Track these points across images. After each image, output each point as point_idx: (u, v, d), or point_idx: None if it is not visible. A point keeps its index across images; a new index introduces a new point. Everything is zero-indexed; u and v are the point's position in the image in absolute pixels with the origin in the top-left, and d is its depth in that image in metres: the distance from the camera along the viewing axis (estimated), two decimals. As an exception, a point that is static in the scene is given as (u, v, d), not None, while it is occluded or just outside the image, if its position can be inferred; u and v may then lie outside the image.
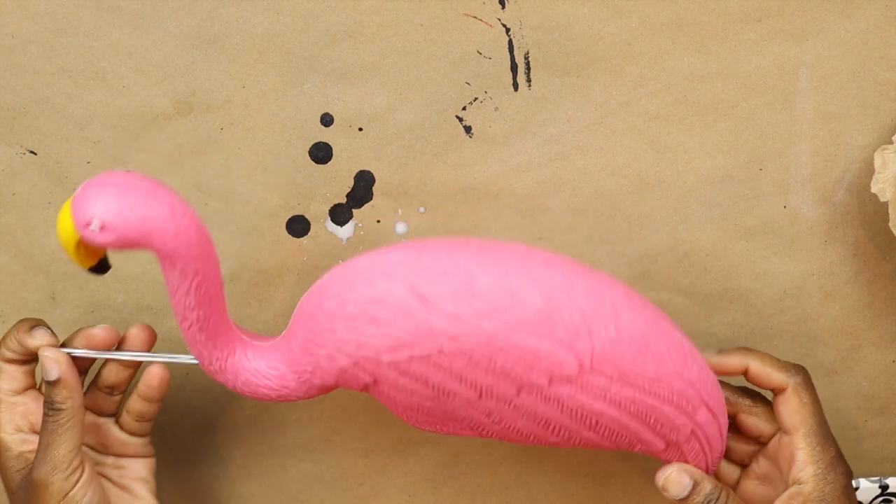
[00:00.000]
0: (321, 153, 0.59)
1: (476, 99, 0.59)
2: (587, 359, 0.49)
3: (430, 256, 0.49)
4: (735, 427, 0.56)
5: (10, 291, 0.61)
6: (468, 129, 0.59)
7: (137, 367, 0.55)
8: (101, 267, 0.51)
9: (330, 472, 0.64)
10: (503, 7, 0.57)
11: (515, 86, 0.58)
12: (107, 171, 0.48)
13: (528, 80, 0.58)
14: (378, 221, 0.60)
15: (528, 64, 0.58)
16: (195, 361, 0.53)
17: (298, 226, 0.60)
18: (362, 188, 0.60)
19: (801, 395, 0.53)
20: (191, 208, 0.48)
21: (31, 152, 0.59)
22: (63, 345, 0.54)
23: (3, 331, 0.62)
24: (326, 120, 0.59)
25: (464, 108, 0.59)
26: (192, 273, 0.48)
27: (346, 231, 0.60)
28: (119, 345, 0.54)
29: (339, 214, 0.60)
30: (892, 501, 0.64)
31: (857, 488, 0.64)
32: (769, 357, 0.54)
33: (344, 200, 0.60)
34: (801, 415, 0.53)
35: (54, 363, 0.51)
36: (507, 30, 0.57)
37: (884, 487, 0.64)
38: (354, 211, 0.60)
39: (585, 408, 0.50)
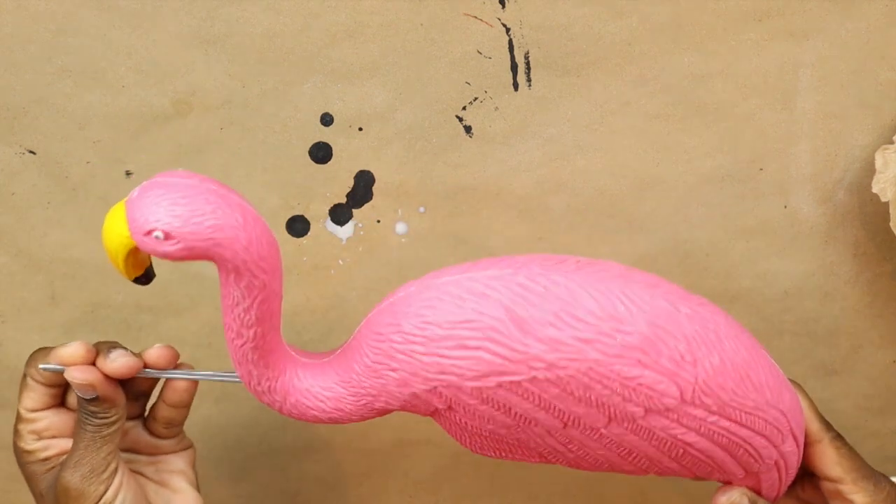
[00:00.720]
0: (321, 153, 0.59)
1: (476, 99, 0.59)
2: (689, 390, 0.45)
3: (525, 275, 0.45)
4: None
5: (10, 291, 0.61)
6: (468, 129, 0.59)
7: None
8: (147, 277, 0.47)
9: (330, 472, 0.64)
10: (503, 7, 0.57)
11: (515, 86, 0.58)
12: (166, 171, 0.44)
13: (528, 80, 0.58)
14: (378, 221, 0.60)
15: (528, 64, 0.58)
16: (237, 380, 0.49)
17: (298, 226, 0.60)
18: (362, 188, 0.60)
19: (839, 446, 0.51)
20: (261, 216, 0.45)
21: (31, 152, 0.59)
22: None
23: (3, 331, 0.62)
24: (326, 120, 0.59)
25: (464, 108, 0.59)
26: (259, 288, 0.44)
27: (346, 231, 0.60)
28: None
29: (339, 214, 0.60)
30: (892, 502, 0.64)
31: (857, 488, 0.64)
32: (813, 407, 0.52)
33: (344, 200, 0.60)
34: (843, 466, 0.51)
35: (88, 387, 0.47)
36: (508, 29, 0.57)
37: (884, 488, 0.64)
38: (354, 211, 0.60)
39: (677, 439, 0.47)
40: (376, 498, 0.65)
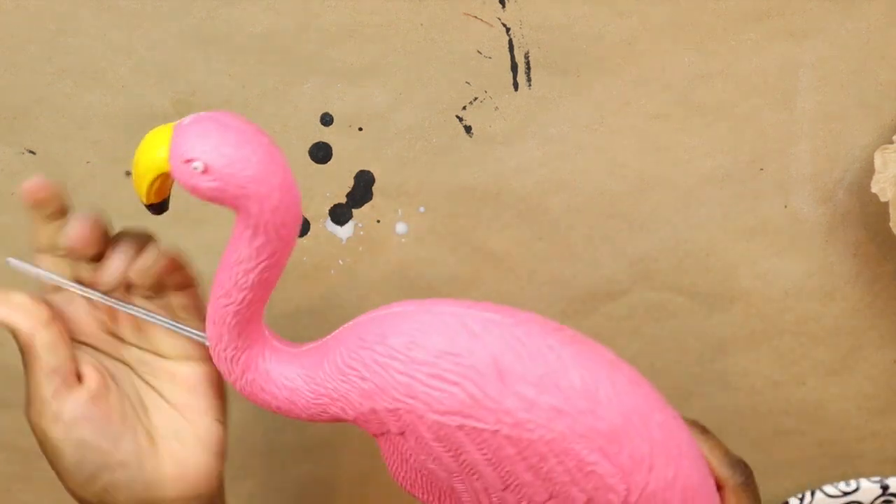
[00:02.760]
0: (321, 153, 0.59)
1: (476, 99, 0.59)
2: (636, 493, 0.45)
3: (523, 330, 0.45)
4: None
5: (10, 291, 0.61)
6: (468, 129, 0.59)
7: None
8: (161, 207, 0.46)
9: (330, 472, 0.64)
10: (503, 7, 0.57)
11: (515, 85, 0.58)
12: (223, 111, 0.43)
13: (529, 80, 0.58)
14: (378, 221, 0.60)
15: (528, 64, 0.58)
16: (205, 339, 0.48)
17: (298, 226, 0.60)
18: (362, 188, 0.60)
19: (740, 497, 0.50)
20: (297, 186, 0.44)
21: (31, 152, 0.59)
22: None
23: (2, 331, 0.61)
24: (326, 120, 0.59)
25: (464, 108, 0.59)
26: (269, 254, 0.44)
27: (346, 231, 0.60)
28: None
29: (339, 214, 0.60)
30: (893, 502, 0.64)
31: (857, 489, 0.64)
32: (719, 448, 0.50)
33: (344, 200, 0.60)
34: None
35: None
36: (508, 29, 0.57)
37: (885, 488, 0.64)
38: (354, 211, 0.60)
39: None
40: (376, 498, 0.65)
